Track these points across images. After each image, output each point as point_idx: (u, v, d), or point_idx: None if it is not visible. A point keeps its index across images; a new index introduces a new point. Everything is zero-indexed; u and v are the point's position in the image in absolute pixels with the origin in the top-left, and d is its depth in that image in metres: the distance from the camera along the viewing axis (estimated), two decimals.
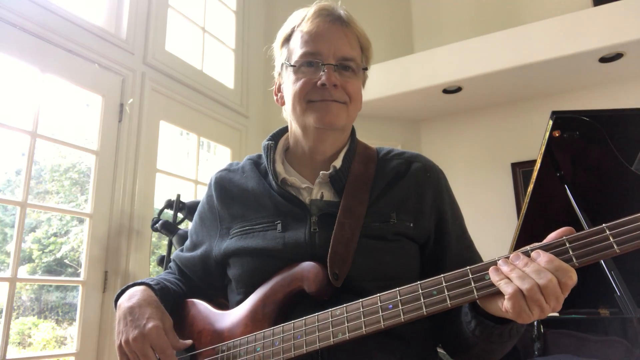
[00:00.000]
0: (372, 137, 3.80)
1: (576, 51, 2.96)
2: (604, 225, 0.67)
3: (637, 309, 1.46)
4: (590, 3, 3.43)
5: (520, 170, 3.60)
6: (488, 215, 3.59)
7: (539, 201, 1.72)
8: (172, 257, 1.15)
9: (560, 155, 1.67)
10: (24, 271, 2.51)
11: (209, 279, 1.06)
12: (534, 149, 1.92)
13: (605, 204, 1.66)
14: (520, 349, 1.55)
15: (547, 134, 1.63)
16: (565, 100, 3.54)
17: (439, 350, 0.97)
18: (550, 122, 1.62)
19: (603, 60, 3.07)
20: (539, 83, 3.41)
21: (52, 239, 2.76)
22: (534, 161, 1.71)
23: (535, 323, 1.52)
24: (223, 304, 1.01)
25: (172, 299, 1.01)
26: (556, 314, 1.64)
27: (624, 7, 2.88)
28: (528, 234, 1.73)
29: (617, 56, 3.02)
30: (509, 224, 3.45)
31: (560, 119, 1.62)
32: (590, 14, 3.00)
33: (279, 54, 1.03)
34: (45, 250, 2.72)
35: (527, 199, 1.73)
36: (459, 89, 3.48)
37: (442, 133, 4.00)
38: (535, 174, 1.69)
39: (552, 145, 1.65)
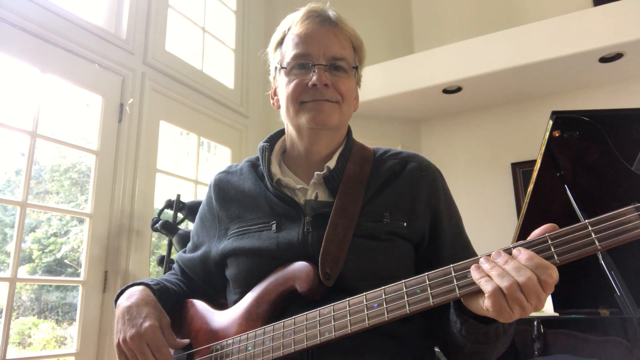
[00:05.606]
0: (372, 137, 3.80)
1: (576, 51, 2.96)
2: (586, 221, 0.66)
3: (637, 309, 1.46)
4: (590, 3, 3.43)
5: (520, 170, 3.60)
6: (488, 215, 3.59)
7: (539, 201, 1.72)
8: (175, 258, 1.17)
9: (560, 155, 1.67)
10: (24, 271, 2.51)
11: (209, 279, 1.07)
12: (534, 149, 1.92)
13: (605, 204, 1.66)
14: (520, 349, 1.54)
15: (547, 134, 1.63)
16: (565, 100, 3.54)
17: (437, 350, 0.96)
18: (550, 122, 1.62)
19: (603, 60, 3.07)
20: (539, 83, 3.41)
21: (52, 239, 2.76)
22: (534, 161, 1.71)
23: (535, 323, 1.52)
24: (223, 304, 1.02)
25: (171, 299, 1.02)
26: (556, 314, 1.64)
27: (624, 7, 2.88)
28: (528, 234, 1.73)
29: (617, 56, 3.02)
30: (509, 224, 3.45)
31: (560, 119, 1.62)
32: (590, 14, 3.00)
33: (273, 58, 1.04)
34: (45, 250, 2.72)
35: (527, 199, 1.73)
36: (459, 89, 3.48)
37: (442, 133, 4.00)
38: (535, 174, 1.69)
39: (552, 145, 1.65)
